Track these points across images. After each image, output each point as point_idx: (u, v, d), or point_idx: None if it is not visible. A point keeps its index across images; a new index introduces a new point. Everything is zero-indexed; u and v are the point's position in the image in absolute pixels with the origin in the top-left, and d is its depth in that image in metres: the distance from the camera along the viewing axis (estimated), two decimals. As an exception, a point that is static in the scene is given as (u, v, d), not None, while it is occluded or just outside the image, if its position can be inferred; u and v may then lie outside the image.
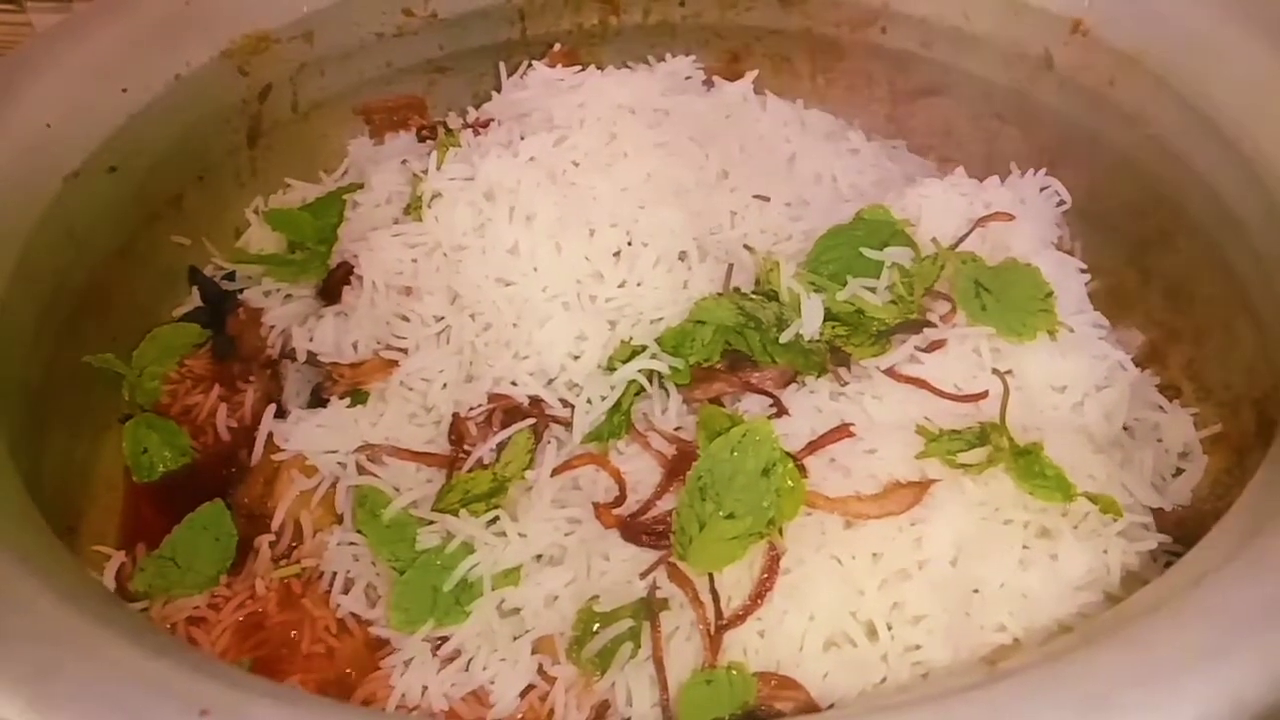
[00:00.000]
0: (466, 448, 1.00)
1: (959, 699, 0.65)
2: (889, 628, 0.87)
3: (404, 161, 1.21)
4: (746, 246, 1.10)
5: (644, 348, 1.02)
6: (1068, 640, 0.72)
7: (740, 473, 0.89)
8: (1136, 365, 1.08)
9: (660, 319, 1.04)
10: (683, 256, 1.08)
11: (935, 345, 1.00)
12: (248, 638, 0.97)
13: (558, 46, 1.36)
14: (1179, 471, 1.05)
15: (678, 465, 0.95)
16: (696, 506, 0.89)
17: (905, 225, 1.09)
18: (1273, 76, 1.05)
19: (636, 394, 1.01)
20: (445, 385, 1.04)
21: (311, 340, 1.10)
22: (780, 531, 0.88)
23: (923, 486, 0.91)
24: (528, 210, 1.07)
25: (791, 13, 1.37)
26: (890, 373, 0.98)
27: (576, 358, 1.03)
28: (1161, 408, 1.09)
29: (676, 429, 0.99)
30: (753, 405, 0.99)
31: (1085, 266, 1.14)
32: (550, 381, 1.03)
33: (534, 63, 1.31)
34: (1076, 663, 0.65)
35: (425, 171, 1.13)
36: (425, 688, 0.90)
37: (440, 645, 0.91)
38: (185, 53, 1.17)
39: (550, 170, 1.10)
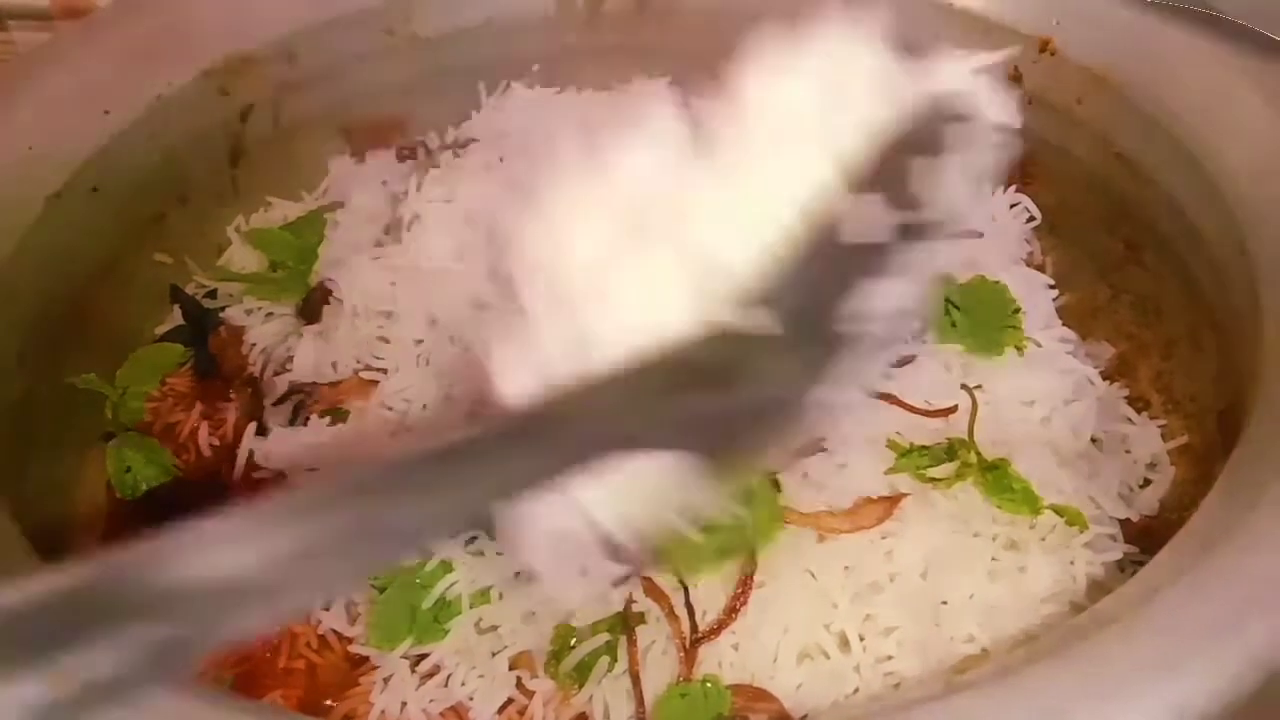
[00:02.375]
0: (445, 467, 1.00)
1: (918, 709, 0.66)
2: (861, 639, 0.88)
3: (384, 182, 1.22)
4: (722, 266, 1.11)
5: (620, 367, 1.03)
6: (1023, 654, 0.74)
7: (715, 487, 0.90)
8: (1107, 378, 1.10)
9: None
10: (658, 278, 1.09)
11: (905, 361, 1.01)
12: (229, 654, 0.96)
13: (537, 67, 1.37)
14: (1147, 483, 1.06)
15: (654, 481, 0.96)
16: (672, 521, 0.90)
17: (877, 243, 1.10)
18: (1233, 90, 1.07)
19: (614, 411, 1.02)
20: (425, 406, 1.04)
21: (290, 368, 1.11)
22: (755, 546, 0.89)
23: (893, 501, 0.92)
24: (505, 235, 1.08)
25: (767, 34, 1.38)
26: (862, 388, 1.00)
27: (554, 378, 1.04)
28: (1130, 420, 1.10)
29: (653, 445, 1.00)
30: (728, 421, 1.00)
31: (1053, 282, 1.16)
32: (528, 401, 1.03)
33: (513, 83, 1.33)
34: (1031, 676, 0.67)
35: (405, 193, 1.15)
36: (404, 704, 0.90)
37: (419, 662, 0.92)
38: (167, 74, 1.17)
39: (527, 194, 1.11)
